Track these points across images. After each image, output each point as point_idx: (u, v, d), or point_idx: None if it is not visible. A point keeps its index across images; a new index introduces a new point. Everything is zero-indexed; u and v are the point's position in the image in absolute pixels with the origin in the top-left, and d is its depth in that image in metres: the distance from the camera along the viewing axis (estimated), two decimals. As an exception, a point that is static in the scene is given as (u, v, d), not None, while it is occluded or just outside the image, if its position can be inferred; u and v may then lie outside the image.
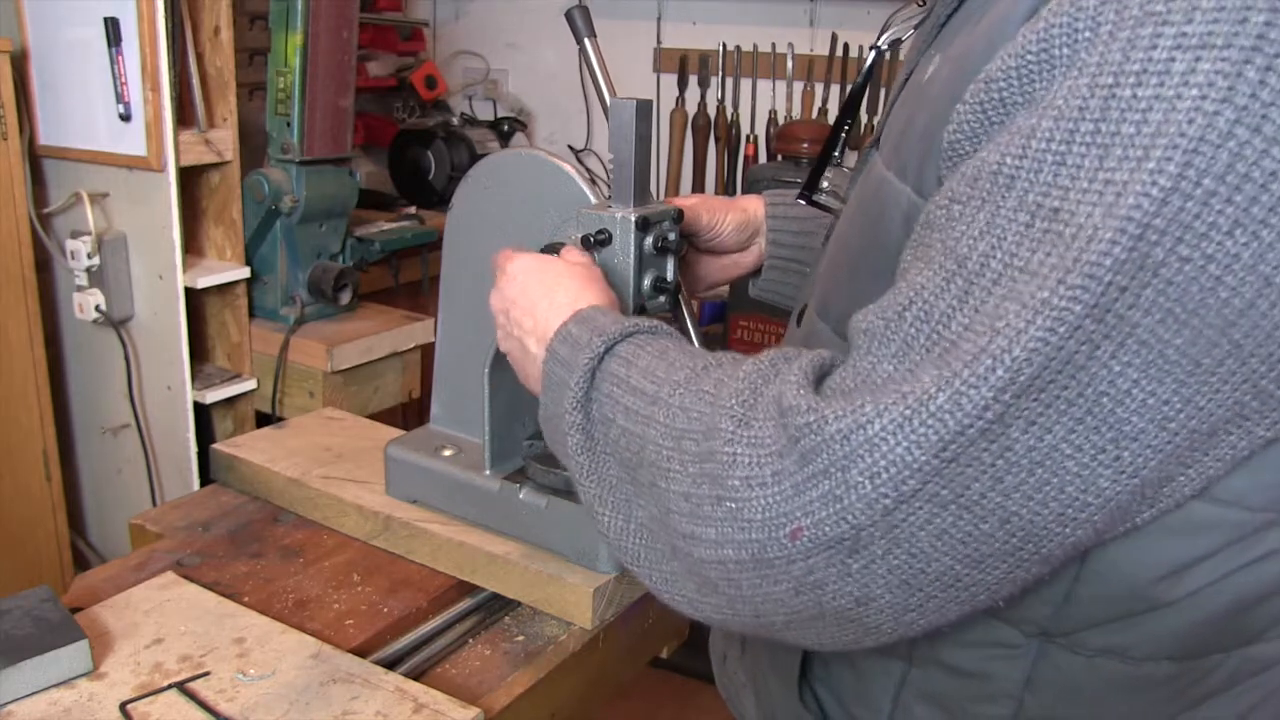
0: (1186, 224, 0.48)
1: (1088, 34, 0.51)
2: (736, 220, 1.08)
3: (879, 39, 0.91)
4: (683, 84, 2.95)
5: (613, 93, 1.00)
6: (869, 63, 0.95)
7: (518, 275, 0.88)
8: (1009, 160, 0.53)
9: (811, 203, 0.97)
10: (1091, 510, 0.54)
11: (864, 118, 2.81)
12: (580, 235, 0.97)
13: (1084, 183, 0.50)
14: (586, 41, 0.96)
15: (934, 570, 0.55)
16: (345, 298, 2.13)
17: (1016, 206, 0.52)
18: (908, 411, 0.52)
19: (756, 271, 1.13)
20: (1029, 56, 0.53)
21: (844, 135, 0.98)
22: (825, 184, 0.98)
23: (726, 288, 2.79)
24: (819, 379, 0.60)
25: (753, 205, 1.10)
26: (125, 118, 1.83)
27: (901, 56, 0.91)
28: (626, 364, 0.70)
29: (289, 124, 1.98)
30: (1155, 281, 0.49)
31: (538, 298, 0.84)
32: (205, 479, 1.52)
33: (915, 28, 0.82)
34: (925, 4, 0.86)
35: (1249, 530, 0.60)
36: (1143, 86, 0.49)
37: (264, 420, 2.00)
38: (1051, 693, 0.68)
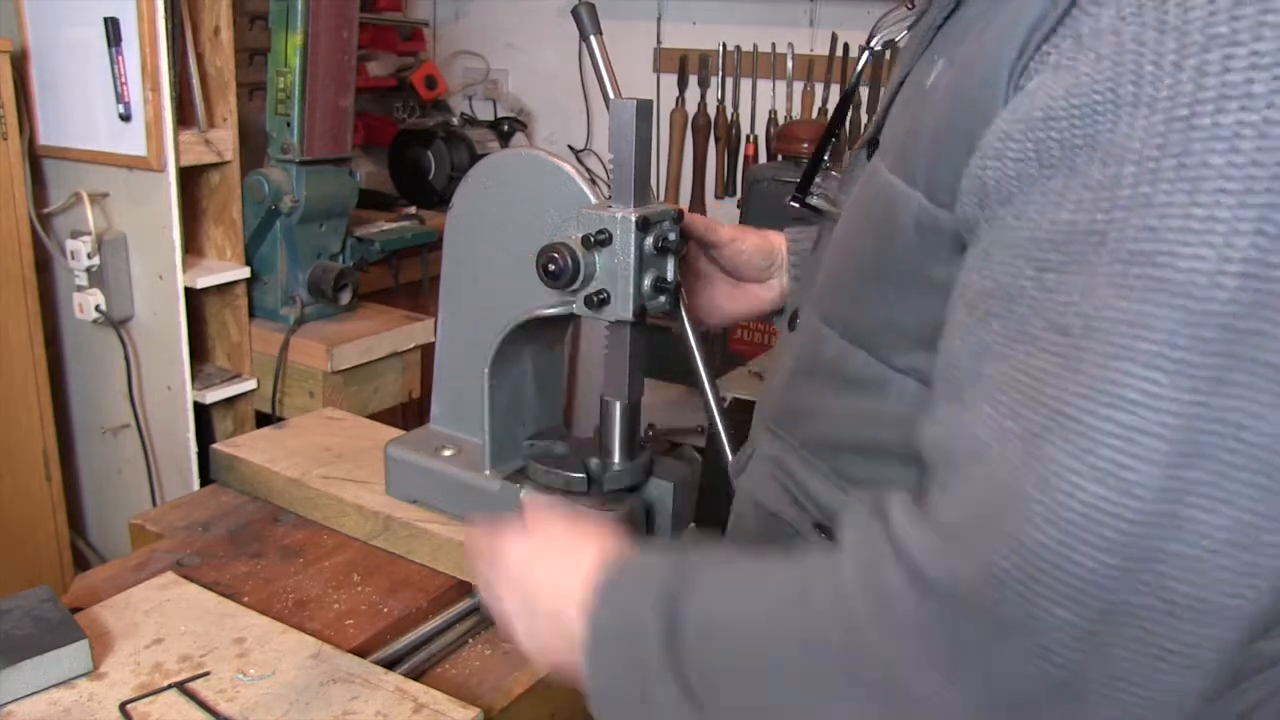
0: None
1: (1151, 69, 0.48)
2: (759, 245, 1.07)
3: (870, 41, 0.91)
4: (683, 84, 2.95)
5: (617, 91, 1.00)
6: (860, 65, 0.94)
7: (527, 557, 0.75)
8: (1099, 217, 0.49)
9: (805, 205, 0.97)
10: None
11: (864, 117, 2.81)
12: (580, 235, 0.97)
13: (1177, 221, 0.46)
14: (593, 39, 0.96)
15: (1146, 693, 0.48)
16: (345, 298, 2.13)
17: (1111, 260, 0.48)
18: (1078, 518, 0.46)
19: (778, 310, 1.11)
20: (1095, 97, 0.50)
21: (835, 139, 0.98)
22: (815, 189, 0.98)
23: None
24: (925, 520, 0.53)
25: (776, 238, 1.09)
26: (125, 118, 1.83)
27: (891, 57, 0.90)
28: (708, 612, 0.61)
29: (289, 124, 1.98)
30: None
31: (562, 562, 0.72)
32: (205, 479, 1.52)
33: (909, 29, 0.81)
34: (915, 6, 0.85)
35: None
36: (1223, 114, 0.46)
37: (264, 420, 2.00)
38: None
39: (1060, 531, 0.46)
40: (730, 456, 0.98)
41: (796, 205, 0.95)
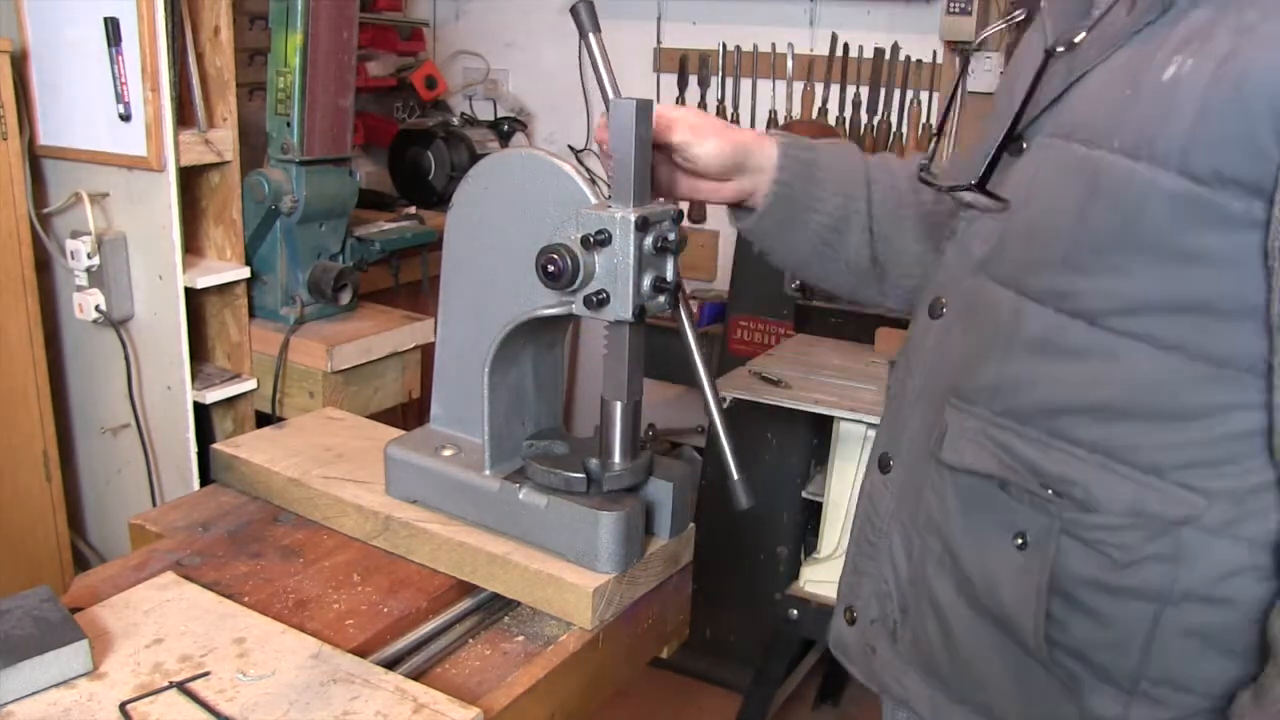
0: None
1: None
2: (718, 149, 1.01)
3: (978, 43, 0.95)
4: (683, 84, 2.95)
5: (616, 89, 1.00)
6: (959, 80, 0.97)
7: None
8: None
9: (992, 195, 0.92)
10: None
11: (864, 116, 2.81)
12: (580, 235, 0.97)
13: None
14: (591, 37, 0.96)
15: None
16: (345, 298, 2.13)
17: None
18: None
19: (735, 205, 1.08)
20: None
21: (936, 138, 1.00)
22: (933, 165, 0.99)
23: (727, 289, 2.78)
24: None
25: (755, 143, 1.03)
26: (125, 118, 1.83)
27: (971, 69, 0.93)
28: None
29: (289, 124, 1.98)
30: None
31: None
32: (205, 479, 1.52)
33: (1088, 30, 0.83)
34: (1010, 18, 0.90)
35: None
36: None
37: (264, 420, 2.01)
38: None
39: None
40: (730, 459, 0.97)
41: (973, 194, 0.89)
